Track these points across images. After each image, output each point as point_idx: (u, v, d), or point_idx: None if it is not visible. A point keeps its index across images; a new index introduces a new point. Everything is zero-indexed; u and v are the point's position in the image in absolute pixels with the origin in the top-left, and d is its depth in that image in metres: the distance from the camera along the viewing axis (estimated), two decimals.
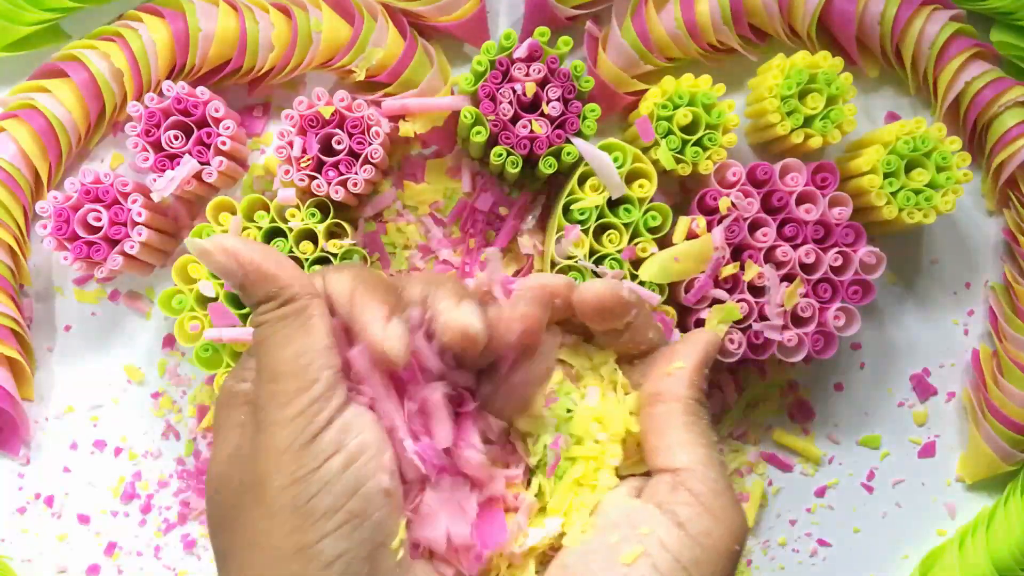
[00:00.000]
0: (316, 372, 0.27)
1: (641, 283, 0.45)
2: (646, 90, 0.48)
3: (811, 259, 0.46)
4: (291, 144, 0.45)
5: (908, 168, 0.47)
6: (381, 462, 0.28)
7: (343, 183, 0.45)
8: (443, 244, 0.50)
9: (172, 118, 0.46)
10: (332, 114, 0.45)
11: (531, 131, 0.44)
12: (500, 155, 0.45)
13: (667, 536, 0.28)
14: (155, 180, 0.45)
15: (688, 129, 0.46)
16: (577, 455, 0.31)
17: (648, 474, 0.31)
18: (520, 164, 0.45)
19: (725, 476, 0.29)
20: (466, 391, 0.31)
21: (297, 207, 0.45)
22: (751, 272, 0.45)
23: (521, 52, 0.44)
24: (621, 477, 0.32)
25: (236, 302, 0.45)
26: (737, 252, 0.46)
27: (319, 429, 0.27)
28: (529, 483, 0.32)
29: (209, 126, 0.46)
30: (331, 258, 0.45)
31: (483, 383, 0.31)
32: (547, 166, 0.45)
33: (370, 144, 0.45)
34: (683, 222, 0.46)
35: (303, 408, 0.27)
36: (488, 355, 0.30)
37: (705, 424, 0.30)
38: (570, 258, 0.45)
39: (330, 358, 0.28)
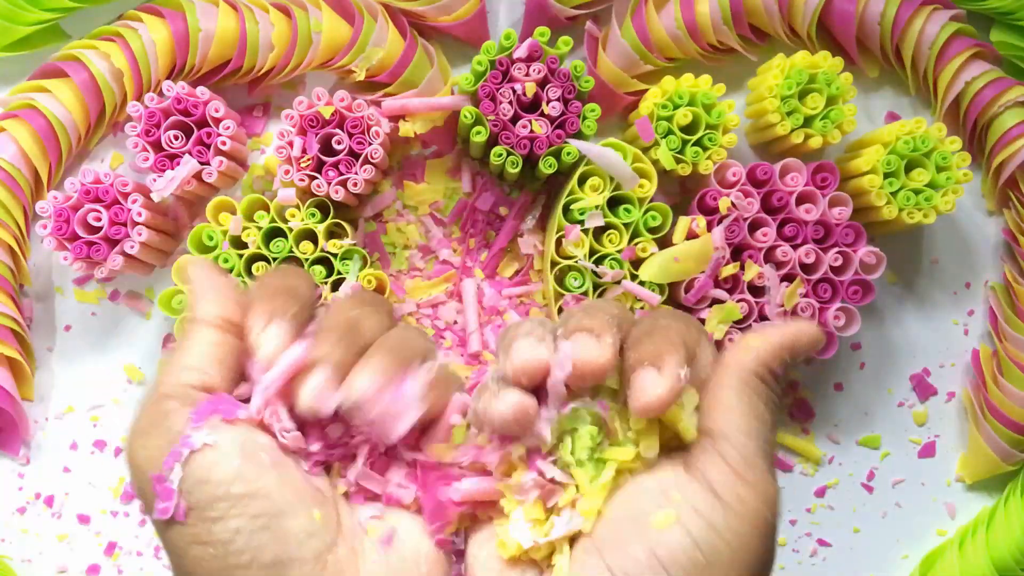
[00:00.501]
0: (171, 388, 0.30)
1: (641, 283, 0.45)
2: (646, 90, 0.48)
3: (811, 259, 0.46)
4: (291, 144, 0.45)
5: (908, 168, 0.47)
6: (236, 445, 0.29)
7: (343, 183, 0.45)
8: (443, 244, 0.50)
9: (172, 118, 0.46)
10: (332, 114, 0.45)
11: (531, 131, 0.44)
12: (500, 155, 0.45)
13: (701, 502, 0.28)
14: (155, 180, 0.45)
15: (688, 129, 0.46)
16: (611, 457, 0.30)
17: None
18: (520, 164, 0.45)
19: (765, 448, 0.29)
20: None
21: (297, 207, 0.45)
22: (751, 272, 0.45)
23: (521, 52, 0.44)
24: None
25: None
26: (737, 252, 0.46)
27: (175, 436, 0.28)
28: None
29: (209, 126, 0.46)
30: (331, 258, 0.45)
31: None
32: (547, 166, 0.45)
33: (370, 144, 0.45)
34: (683, 222, 0.46)
35: (157, 419, 0.29)
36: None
37: (759, 400, 0.29)
38: (570, 258, 0.45)
39: (186, 376, 0.30)
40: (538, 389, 0.30)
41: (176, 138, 0.46)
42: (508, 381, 0.30)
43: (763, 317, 0.46)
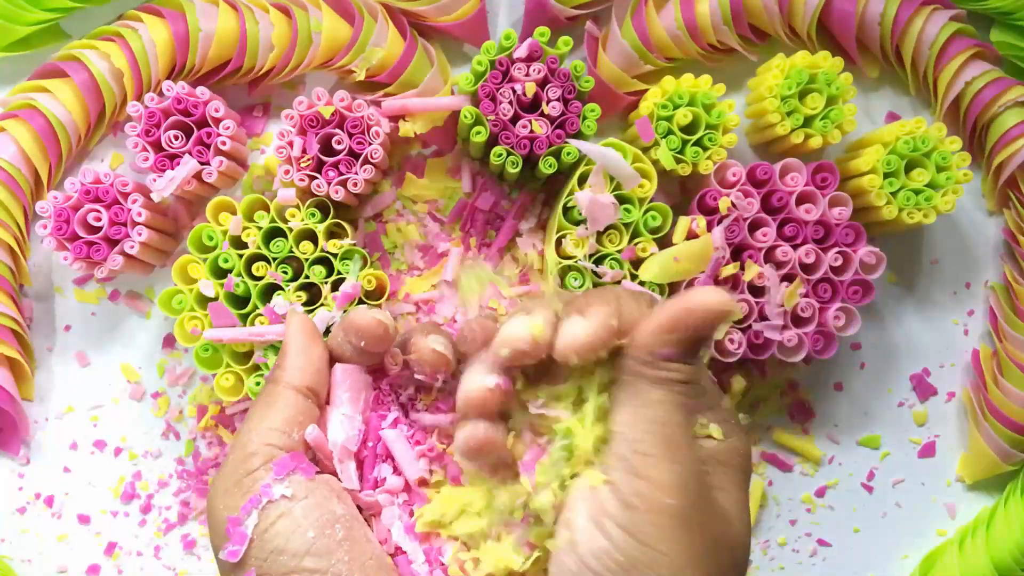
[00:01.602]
0: (255, 447, 0.32)
1: (641, 283, 0.45)
2: (646, 90, 0.48)
3: (811, 259, 0.46)
4: (291, 144, 0.45)
5: (908, 168, 0.47)
6: (313, 517, 0.31)
7: (343, 183, 0.45)
8: (441, 238, 0.50)
9: (172, 118, 0.46)
10: (332, 114, 0.45)
11: (531, 131, 0.44)
12: (500, 155, 0.45)
13: (607, 502, 0.29)
14: (155, 180, 0.45)
15: (688, 129, 0.46)
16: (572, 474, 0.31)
17: None
18: (520, 164, 0.45)
19: (663, 432, 0.28)
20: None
21: (297, 207, 0.45)
22: (751, 272, 0.45)
23: (521, 52, 0.44)
24: None
25: (236, 302, 0.45)
26: (737, 252, 0.46)
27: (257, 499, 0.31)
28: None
29: (209, 126, 0.46)
30: (331, 258, 0.45)
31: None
32: (547, 166, 0.45)
33: (370, 144, 0.45)
34: (683, 222, 0.46)
35: (239, 479, 0.31)
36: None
37: (649, 387, 0.29)
38: (570, 258, 0.45)
39: (271, 437, 0.33)
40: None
41: (176, 138, 0.46)
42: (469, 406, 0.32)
43: (763, 317, 0.46)
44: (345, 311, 0.44)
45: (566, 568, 0.29)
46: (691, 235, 0.45)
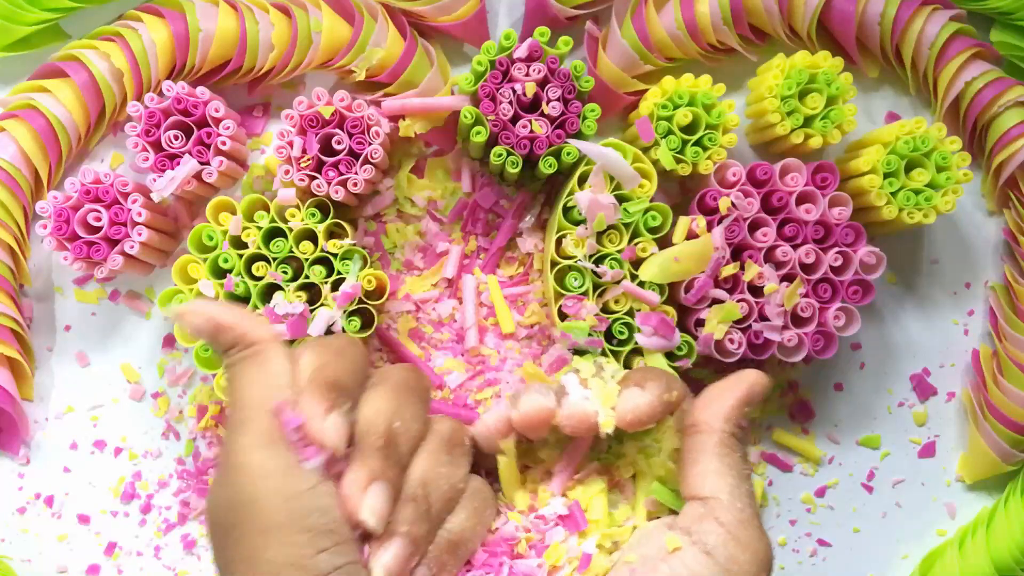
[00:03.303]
0: (278, 400, 0.31)
1: (641, 283, 0.45)
2: (646, 90, 0.48)
3: (811, 259, 0.46)
4: (291, 144, 0.45)
5: (908, 168, 0.47)
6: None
7: (343, 183, 0.45)
8: (441, 237, 0.50)
9: (172, 118, 0.46)
10: (332, 114, 0.45)
11: (531, 131, 0.44)
12: (500, 155, 0.45)
13: (695, 562, 0.30)
14: (155, 180, 0.45)
15: (688, 129, 0.46)
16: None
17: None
18: (520, 164, 0.45)
19: (753, 507, 0.31)
20: None
21: (297, 207, 0.45)
22: (751, 272, 0.45)
23: (521, 52, 0.44)
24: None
25: (236, 302, 0.45)
26: (737, 252, 0.46)
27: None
28: None
29: (209, 126, 0.46)
30: (331, 258, 0.45)
31: None
32: (547, 166, 0.45)
33: (370, 144, 0.45)
34: (683, 222, 0.46)
35: (277, 435, 0.30)
36: None
37: (738, 457, 0.32)
38: (570, 258, 0.45)
39: (287, 394, 0.31)
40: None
41: (176, 138, 0.46)
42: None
43: (763, 317, 0.46)
44: (345, 311, 0.44)
45: None
46: (691, 235, 0.45)
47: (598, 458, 0.36)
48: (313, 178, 0.45)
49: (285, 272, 0.45)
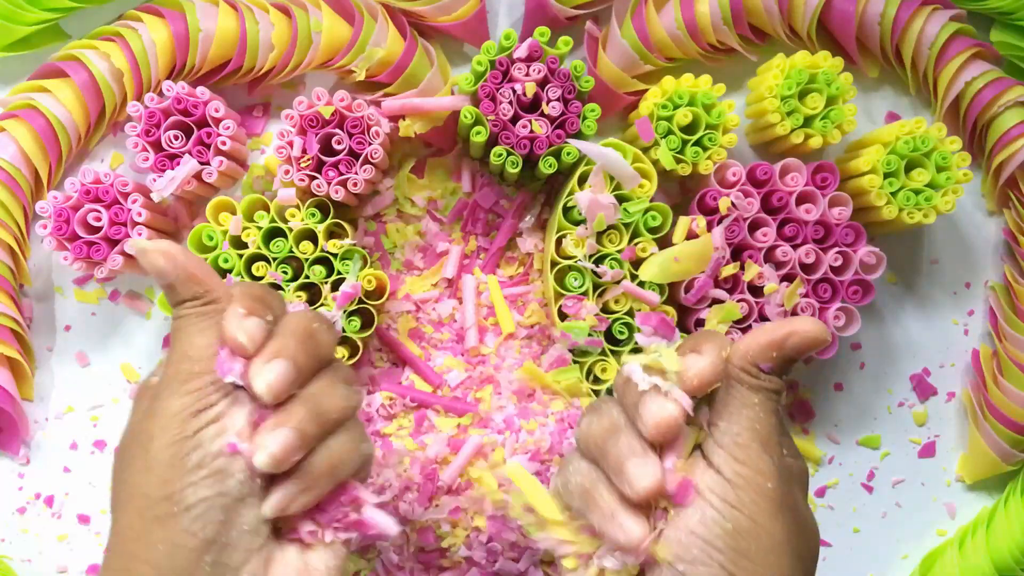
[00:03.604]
0: (205, 364, 0.32)
1: (641, 283, 0.45)
2: (646, 90, 0.48)
3: (811, 259, 0.46)
4: (291, 144, 0.45)
5: (908, 168, 0.46)
6: (237, 426, 0.32)
7: (343, 183, 0.45)
8: (441, 237, 0.50)
9: (172, 118, 0.46)
10: (332, 114, 0.45)
11: (531, 131, 0.44)
12: (500, 155, 0.45)
13: (713, 483, 0.32)
14: (155, 180, 0.45)
15: (688, 129, 0.46)
16: None
17: None
18: (520, 164, 0.45)
19: (755, 429, 0.33)
20: None
21: (297, 207, 0.45)
22: (751, 272, 0.45)
23: (521, 52, 0.44)
24: None
25: None
26: (737, 252, 0.46)
27: (206, 405, 0.31)
28: None
29: (209, 126, 0.46)
30: (331, 258, 0.45)
31: None
32: (547, 166, 0.45)
33: (370, 144, 0.45)
34: (683, 222, 0.46)
35: (201, 386, 0.32)
36: None
37: (747, 391, 0.33)
38: (570, 258, 0.45)
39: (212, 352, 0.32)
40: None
41: (176, 138, 0.46)
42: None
43: (763, 317, 0.46)
44: (345, 311, 0.44)
45: (673, 540, 0.32)
46: (691, 235, 0.45)
47: None
48: (313, 178, 0.45)
49: (285, 272, 0.45)
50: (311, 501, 0.33)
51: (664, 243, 0.46)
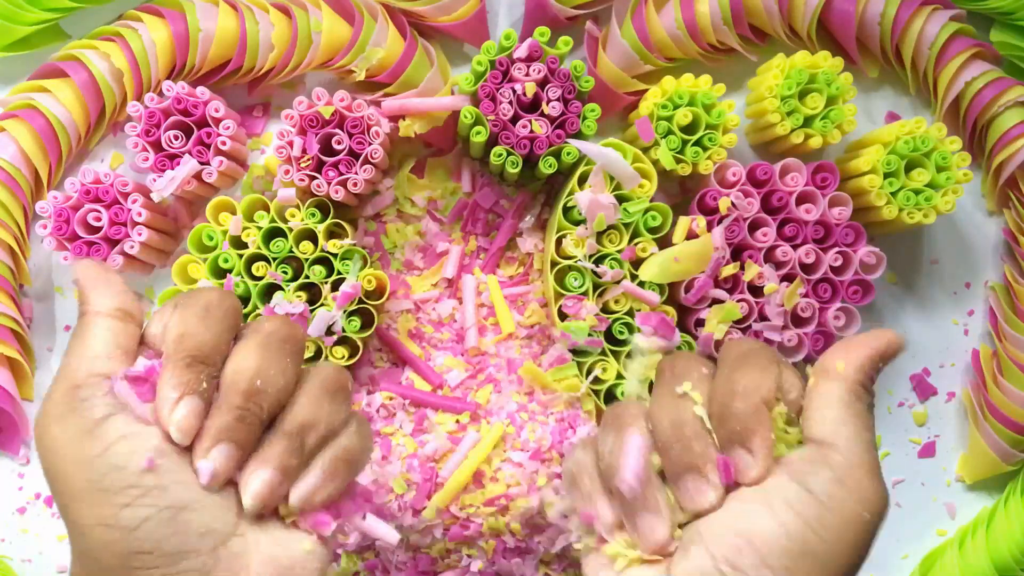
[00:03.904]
0: (83, 377, 0.31)
1: (641, 283, 0.45)
2: (646, 90, 0.48)
3: (811, 259, 0.46)
4: (291, 144, 0.45)
5: (908, 168, 0.46)
6: (151, 444, 0.31)
7: (343, 183, 0.45)
8: (441, 237, 0.50)
9: (172, 118, 0.46)
10: (332, 114, 0.45)
11: (531, 131, 0.44)
12: (500, 155, 0.45)
13: (794, 498, 0.30)
14: (155, 180, 0.45)
15: (688, 129, 0.46)
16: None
17: None
18: (520, 164, 0.45)
19: (872, 455, 0.31)
20: None
21: (297, 207, 0.45)
22: (751, 272, 0.45)
23: (521, 52, 0.44)
24: None
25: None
26: (737, 252, 0.46)
27: (93, 423, 0.30)
28: None
29: (209, 126, 0.46)
30: (331, 258, 0.45)
31: None
32: (547, 166, 0.45)
33: (370, 144, 0.45)
34: (683, 222, 0.46)
35: (73, 405, 0.30)
36: None
37: (862, 407, 0.32)
38: (570, 258, 0.45)
39: (96, 365, 0.31)
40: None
41: (176, 138, 0.46)
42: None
43: (763, 317, 0.46)
44: (345, 311, 0.44)
45: (730, 544, 0.30)
46: (691, 235, 0.45)
47: None
48: (313, 178, 0.45)
49: (285, 272, 0.45)
50: (334, 493, 0.33)
51: (664, 243, 0.46)
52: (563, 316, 0.45)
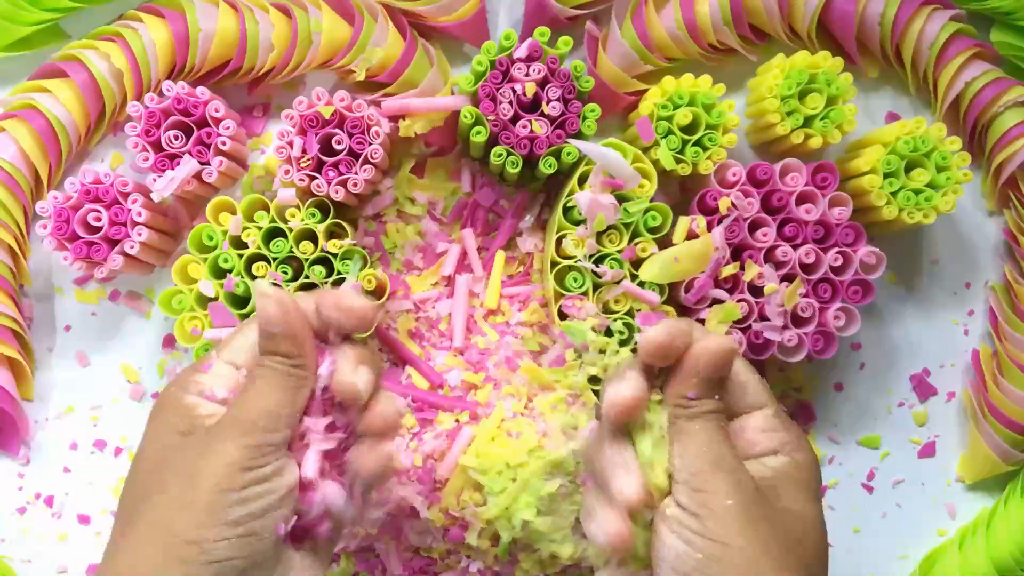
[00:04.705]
0: (284, 425, 0.34)
1: (641, 283, 0.45)
2: (646, 90, 0.48)
3: (811, 259, 0.46)
4: (291, 144, 0.45)
5: (908, 168, 0.47)
6: (288, 509, 0.34)
7: (343, 183, 0.45)
8: (441, 237, 0.50)
9: (172, 118, 0.46)
10: (332, 114, 0.45)
11: (531, 131, 0.44)
12: (500, 155, 0.45)
13: (680, 517, 0.34)
14: (155, 180, 0.45)
15: (688, 129, 0.46)
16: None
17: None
18: (520, 164, 0.45)
19: (703, 456, 0.34)
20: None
21: (297, 207, 0.45)
22: (751, 272, 0.45)
23: (521, 52, 0.44)
24: None
25: (236, 302, 0.45)
26: (737, 252, 0.46)
27: (260, 464, 0.33)
28: None
29: (209, 126, 0.46)
30: (331, 258, 0.45)
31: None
32: (547, 166, 0.45)
33: (370, 144, 0.45)
34: (683, 222, 0.46)
35: (261, 443, 0.33)
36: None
37: (684, 422, 0.35)
38: (570, 258, 0.45)
39: (295, 420, 0.35)
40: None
41: (176, 138, 0.46)
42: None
43: (763, 317, 0.46)
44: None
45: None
46: (691, 235, 0.45)
47: None
48: (313, 178, 0.45)
49: (285, 272, 0.45)
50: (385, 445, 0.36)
51: (664, 243, 0.46)
52: (563, 316, 0.45)
